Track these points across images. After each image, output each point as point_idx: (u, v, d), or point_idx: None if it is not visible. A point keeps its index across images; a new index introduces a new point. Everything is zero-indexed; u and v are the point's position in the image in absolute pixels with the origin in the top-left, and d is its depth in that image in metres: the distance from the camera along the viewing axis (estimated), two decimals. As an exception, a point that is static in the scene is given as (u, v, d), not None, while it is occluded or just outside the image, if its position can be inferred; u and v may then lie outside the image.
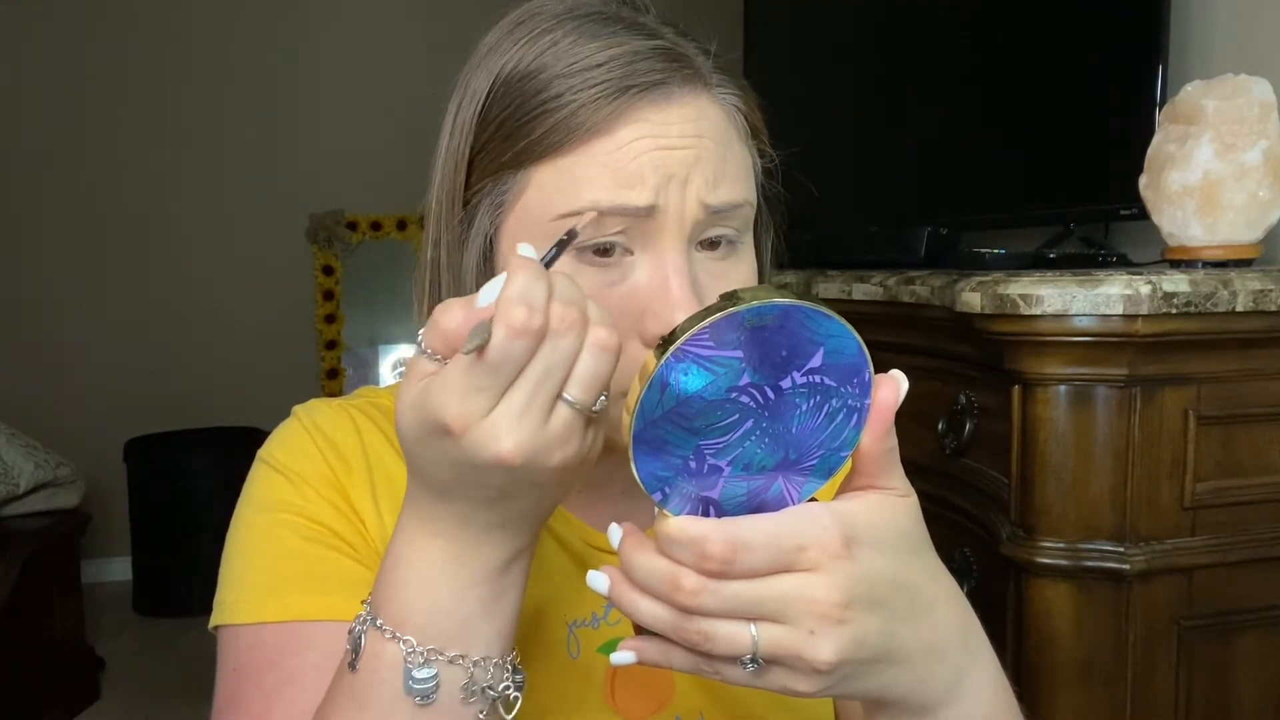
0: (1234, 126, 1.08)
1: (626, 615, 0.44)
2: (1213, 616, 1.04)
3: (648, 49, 0.56)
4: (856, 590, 0.42)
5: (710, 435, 0.42)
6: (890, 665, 0.45)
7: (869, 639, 0.43)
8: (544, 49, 0.56)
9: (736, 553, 0.41)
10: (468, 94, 0.59)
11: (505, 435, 0.43)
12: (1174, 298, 0.97)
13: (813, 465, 0.44)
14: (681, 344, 0.41)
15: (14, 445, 2.73)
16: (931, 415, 1.27)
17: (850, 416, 0.44)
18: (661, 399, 0.41)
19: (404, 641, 0.48)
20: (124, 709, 2.74)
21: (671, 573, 0.42)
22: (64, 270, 3.73)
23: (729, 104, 0.59)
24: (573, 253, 0.55)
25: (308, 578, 0.59)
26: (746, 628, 0.42)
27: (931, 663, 0.47)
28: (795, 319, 0.41)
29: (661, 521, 0.43)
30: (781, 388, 0.42)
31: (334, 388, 3.92)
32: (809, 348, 0.42)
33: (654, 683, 0.65)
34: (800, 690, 0.43)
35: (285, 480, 0.62)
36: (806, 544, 0.42)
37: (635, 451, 0.42)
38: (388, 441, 0.65)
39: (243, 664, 0.59)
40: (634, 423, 0.42)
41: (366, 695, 0.49)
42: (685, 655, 0.44)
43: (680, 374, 0.41)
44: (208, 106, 3.81)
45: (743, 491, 0.44)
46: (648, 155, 0.54)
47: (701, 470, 0.43)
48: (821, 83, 2.12)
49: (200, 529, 3.25)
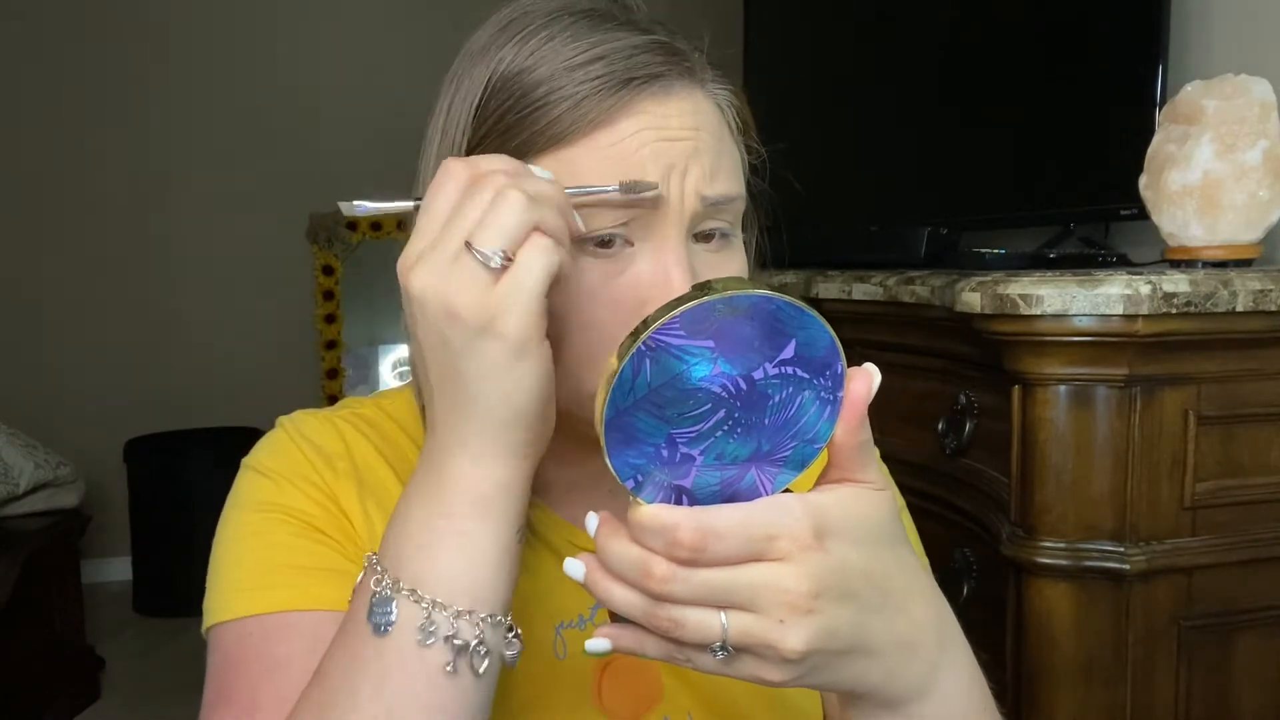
0: (1234, 126, 1.08)
1: (601, 602, 0.44)
2: (1213, 616, 1.04)
3: (645, 43, 0.57)
4: (827, 581, 0.43)
5: (682, 424, 0.43)
6: (861, 657, 0.45)
7: (839, 630, 0.44)
8: (540, 45, 0.57)
9: (707, 540, 0.41)
10: (460, 91, 0.59)
11: (413, 265, 0.48)
12: (1174, 298, 0.97)
13: (786, 456, 0.45)
14: (652, 333, 0.41)
15: (14, 445, 2.73)
16: (931, 415, 1.27)
17: (823, 409, 0.44)
18: (633, 387, 0.42)
19: (429, 602, 0.48)
20: (124, 709, 2.74)
21: (643, 560, 0.42)
22: (64, 270, 3.73)
23: (722, 100, 0.61)
24: (574, 242, 0.55)
25: (293, 569, 0.59)
26: (716, 616, 0.42)
27: (904, 656, 0.47)
28: (767, 310, 0.42)
29: (634, 509, 0.43)
30: (754, 379, 0.43)
31: (334, 388, 3.92)
32: (781, 340, 0.42)
33: (642, 683, 0.65)
34: (770, 679, 0.44)
35: (268, 481, 0.62)
36: (777, 534, 0.42)
37: (608, 440, 0.43)
38: (375, 450, 0.65)
39: (230, 656, 0.59)
40: (606, 410, 0.42)
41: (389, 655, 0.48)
42: (658, 643, 0.44)
43: (651, 362, 0.41)
44: (207, 106, 3.81)
45: (716, 481, 0.44)
46: (650, 147, 0.55)
47: (674, 459, 0.43)
48: (821, 82, 2.11)
49: (200, 529, 3.21)
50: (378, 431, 0.67)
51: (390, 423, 0.68)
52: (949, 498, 1.23)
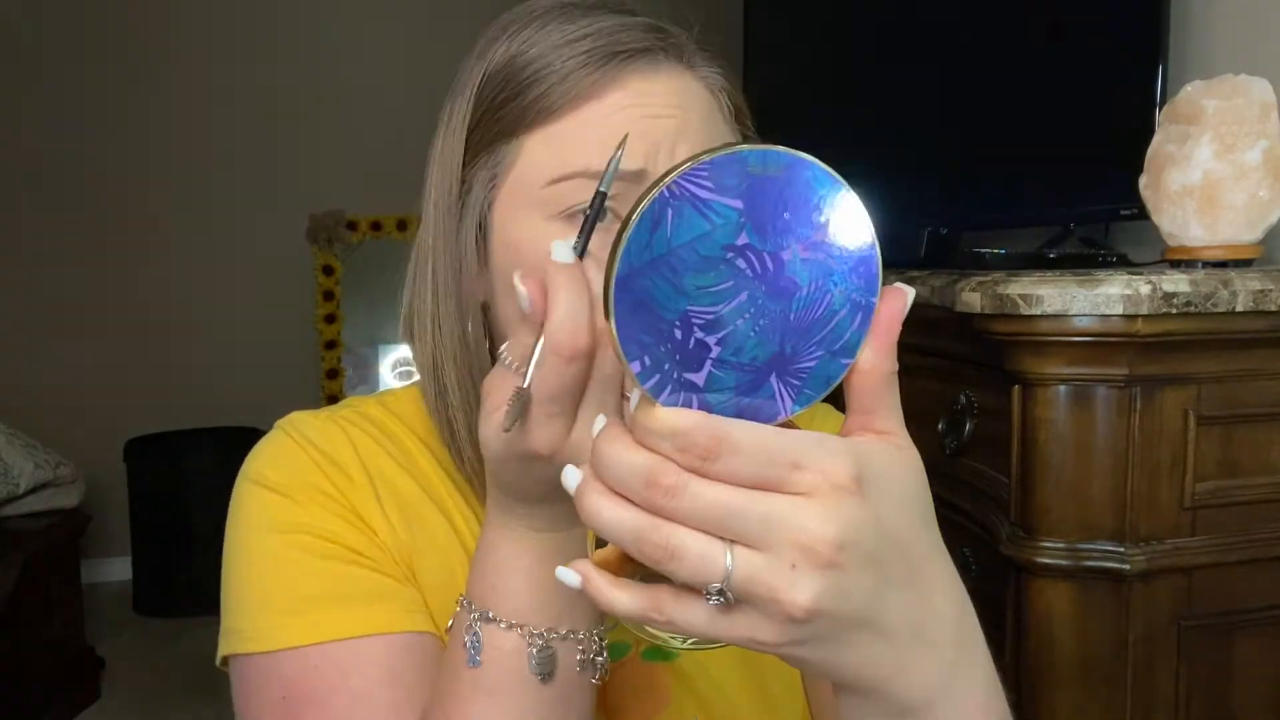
0: (1234, 126, 1.08)
1: (587, 521, 0.38)
2: (1213, 616, 1.04)
3: (631, 23, 0.59)
4: (857, 534, 0.36)
5: (700, 300, 0.37)
6: (872, 636, 0.39)
7: (855, 594, 0.37)
8: (532, 33, 0.59)
9: (721, 449, 0.35)
10: (461, 86, 0.61)
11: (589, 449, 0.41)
12: (1174, 298, 0.97)
13: (810, 368, 0.39)
14: (678, 176, 0.36)
15: (14, 445, 2.74)
16: (931, 415, 1.27)
17: (854, 314, 0.39)
18: (651, 241, 0.36)
19: (522, 629, 0.52)
20: (124, 709, 2.74)
21: (650, 466, 0.36)
22: (64, 270, 3.73)
23: (713, 84, 0.61)
24: (565, 215, 0.56)
25: (336, 597, 0.58)
26: (722, 549, 0.36)
27: (918, 648, 0.41)
28: (803, 178, 0.37)
29: (644, 408, 0.37)
30: (782, 258, 0.38)
31: (334, 388, 3.92)
32: (814, 215, 0.38)
33: (649, 689, 0.65)
34: (765, 640, 0.38)
35: (284, 499, 0.61)
36: (806, 464, 0.36)
37: (617, 304, 0.37)
38: (384, 451, 0.65)
39: (296, 691, 0.57)
40: (618, 266, 0.36)
41: (494, 683, 0.52)
42: (634, 593, 0.38)
43: (673, 213, 0.36)
44: (207, 106, 3.81)
45: (730, 382, 0.38)
46: (636, 123, 0.56)
47: (687, 344, 0.37)
48: (821, 83, 2.11)
49: (200, 529, 3.25)
50: (384, 431, 0.66)
51: (397, 422, 0.67)
52: (949, 498, 1.23)
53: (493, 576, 0.53)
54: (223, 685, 0.63)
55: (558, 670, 0.52)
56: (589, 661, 0.54)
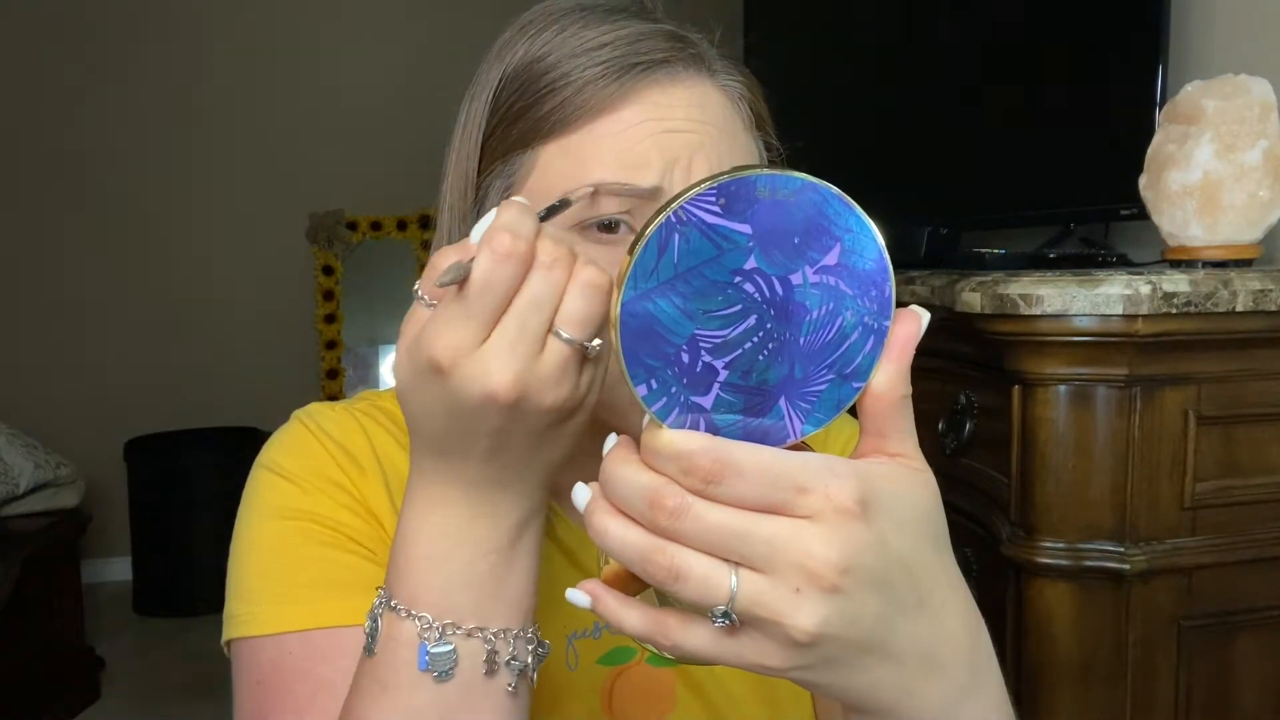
0: (1234, 126, 1.08)
1: (595, 539, 0.39)
2: (1213, 616, 1.04)
3: (651, 31, 0.57)
4: (861, 558, 0.36)
5: (708, 324, 0.37)
6: (880, 660, 0.39)
7: (862, 619, 0.37)
8: (551, 37, 0.57)
9: (724, 473, 0.36)
10: (479, 88, 0.60)
11: (496, 369, 0.41)
12: (1174, 298, 0.97)
13: (820, 391, 0.39)
14: (685, 201, 0.36)
15: (14, 445, 2.74)
16: (931, 415, 1.27)
17: (866, 338, 0.39)
18: (657, 266, 0.37)
19: (419, 618, 0.47)
20: (124, 709, 2.74)
21: (655, 487, 0.36)
22: (64, 270, 3.73)
23: (733, 92, 0.60)
24: (578, 228, 0.55)
25: (329, 584, 0.58)
26: (727, 571, 0.36)
27: (927, 673, 0.40)
28: (813, 201, 0.37)
29: (650, 431, 0.37)
30: (791, 283, 0.37)
31: (334, 388, 3.92)
32: (825, 240, 0.37)
33: (654, 694, 0.64)
34: (770, 666, 0.38)
35: (294, 486, 0.61)
36: (810, 487, 0.36)
37: (624, 328, 0.37)
38: (397, 443, 0.64)
39: (267, 677, 0.57)
40: (625, 290, 0.37)
41: (387, 676, 0.48)
42: (642, 615, 0.39)
43: (680, 238, 0.36)
44: (207, 107, 3.81)
45: (738, 405, 0.38)
46: (653, 138, 0.55)
47: (694, 367, 0.38)
48: (821, 82, 2.11)
49: (200, 529, 3.25)
50: (398, 425, 0.66)
51: None
52: (949, 498, 1.22)
53: (400, 556, 0.48)
54: (222, 686, 0.62)
55: (458, 671, 0.47)
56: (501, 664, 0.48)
